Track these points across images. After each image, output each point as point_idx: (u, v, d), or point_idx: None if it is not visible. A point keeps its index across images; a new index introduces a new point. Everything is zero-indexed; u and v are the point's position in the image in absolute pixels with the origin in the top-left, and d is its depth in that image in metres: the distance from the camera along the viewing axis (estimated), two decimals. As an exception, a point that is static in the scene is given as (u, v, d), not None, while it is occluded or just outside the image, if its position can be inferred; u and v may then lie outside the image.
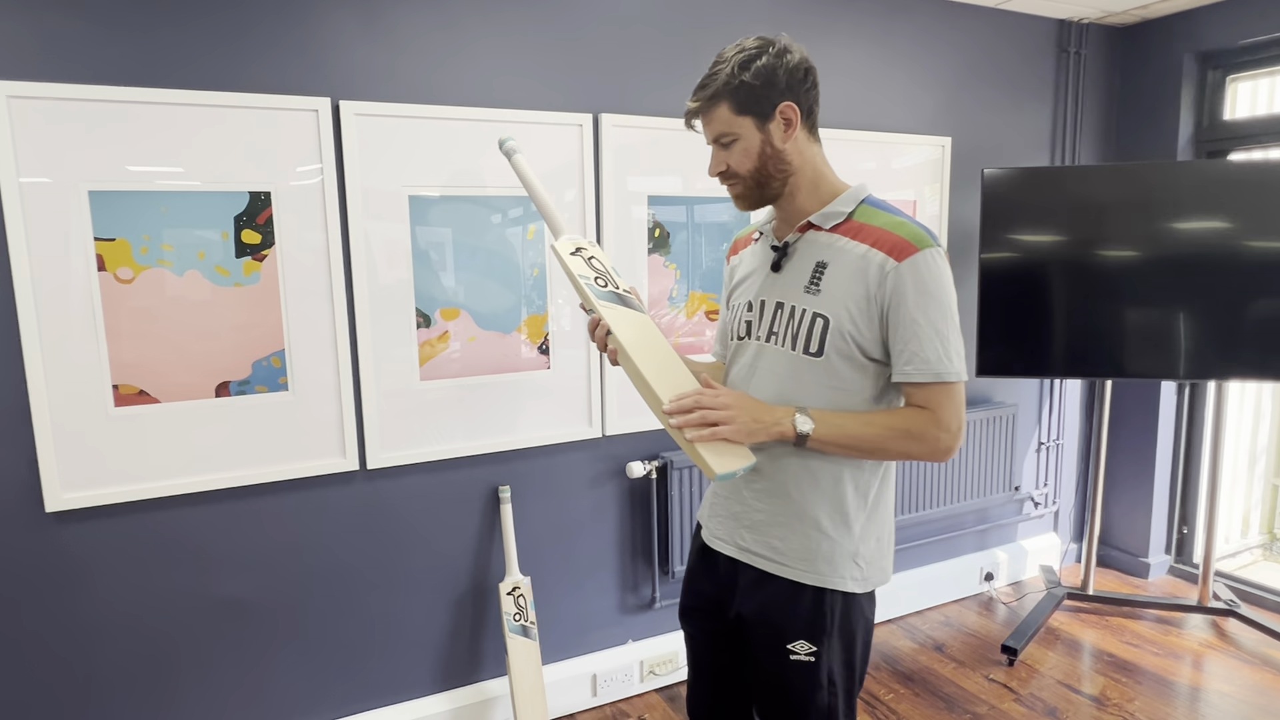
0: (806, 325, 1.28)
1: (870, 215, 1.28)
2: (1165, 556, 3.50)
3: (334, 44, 1.98)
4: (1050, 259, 2.78)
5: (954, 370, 1.23)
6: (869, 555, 1.33)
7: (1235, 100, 3.18)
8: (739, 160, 1.29)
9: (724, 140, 1.30)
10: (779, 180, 1.31)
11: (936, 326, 1.22)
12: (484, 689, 2.37)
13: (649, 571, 2.58)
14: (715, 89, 1.26)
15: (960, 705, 2.53)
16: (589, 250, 1.45)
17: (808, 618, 1.30)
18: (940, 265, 1.23)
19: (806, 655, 1.30)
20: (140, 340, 1.86)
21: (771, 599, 1.32)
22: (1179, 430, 3.41)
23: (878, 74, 2.78)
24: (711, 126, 1.30)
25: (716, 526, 1.43)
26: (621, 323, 1.32)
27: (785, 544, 1.31)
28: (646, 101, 2.37)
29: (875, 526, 1.34)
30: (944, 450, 1.24)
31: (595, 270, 1.41)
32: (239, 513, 2.02)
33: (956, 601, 3.27)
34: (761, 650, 1.34)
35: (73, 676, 1.90)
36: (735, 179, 1.32)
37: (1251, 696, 2.56)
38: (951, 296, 1.24)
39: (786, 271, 1.33)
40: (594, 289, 1.37)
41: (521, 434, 2.32)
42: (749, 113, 1.26)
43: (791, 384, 1.29)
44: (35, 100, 1.70)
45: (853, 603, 1.32)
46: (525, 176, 1.65)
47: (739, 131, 1.27)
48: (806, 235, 1.32)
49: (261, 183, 1.93)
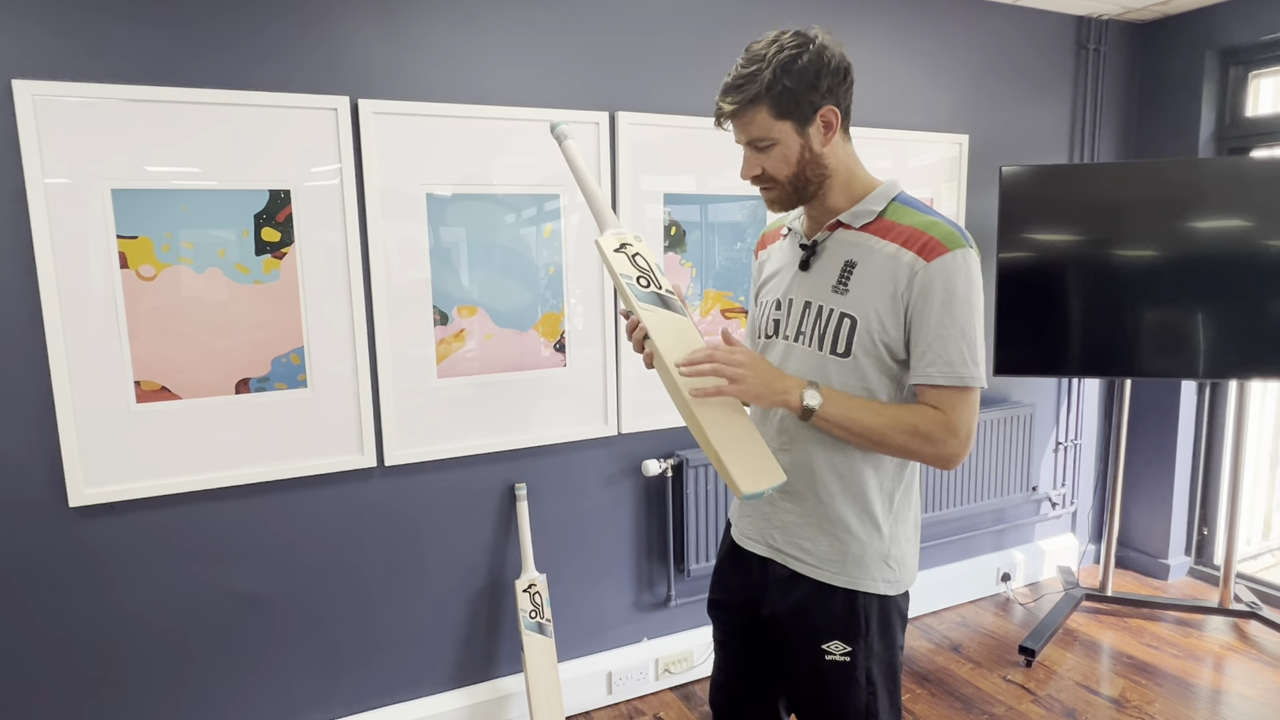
0: (834, 326, 1.26)
1: (902, 214, 1.25)
2: (1185, 558, 3.46)
3: (352, 43, 1.99)
4: (1068, 257, 2.75)
5: (977, 375, 1.21)
6: (899, 557, 1.32)
7: (1258, 97, 3.14)
8: (776, 166, 1.25)
9: (760, 145, 1.25)
10: (815, 184, 1.27)
11: (963, 329, 1.19)
12: (499, 686, 2.37)
13: (664, 570, 2.58)
14: (755, 92, 1.20)
15: (977, 706, 2.51)
16: (634, 246, 1.39)
17: (841, 619, 1.29)
18: (971, 267, 1.20)
19: (842, 656, 1.29)
20: (161, 337, 1.87)
21: (804, 600, 1.32)
22: (1199, 430, 3.37)
23: (894, 71, 2.77)
24: (747, 130, 1.25)
25: (747, 526, 1.42)
26: (660, 327, 1.29)
27: (815, 545, 1.31)
28: (663, 99, 2.38)
29: (904, 528, 1.33)
30: (949, 457, 1.22)
31: (639, 269, 1.36)
32: (258, 509, 2.03)
33: (973, 602, 3.25)
34: (796, 650, 1.33)
35: (95, 669, 1.93)
36: (772, 184, 1.28)
37: (1274, 700, 2.52)
38: (980, 300, 1.22)
39: (815, 270, 1.31)
40: (635, 289, 1.32)
41: (537, 432, 2.32)
42: (789, 117, 1.21)
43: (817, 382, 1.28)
44: (59, 99, 1.72)
45: (889, 603, 1.31)
46: (575, 164, 1.55)
47: (778, 136, 1.23)
48: (836, 234, 1.30)
49: (281, 181, 1.94)
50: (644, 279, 1.34)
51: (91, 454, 1.84)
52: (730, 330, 1.30)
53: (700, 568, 2.55)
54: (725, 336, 1.27)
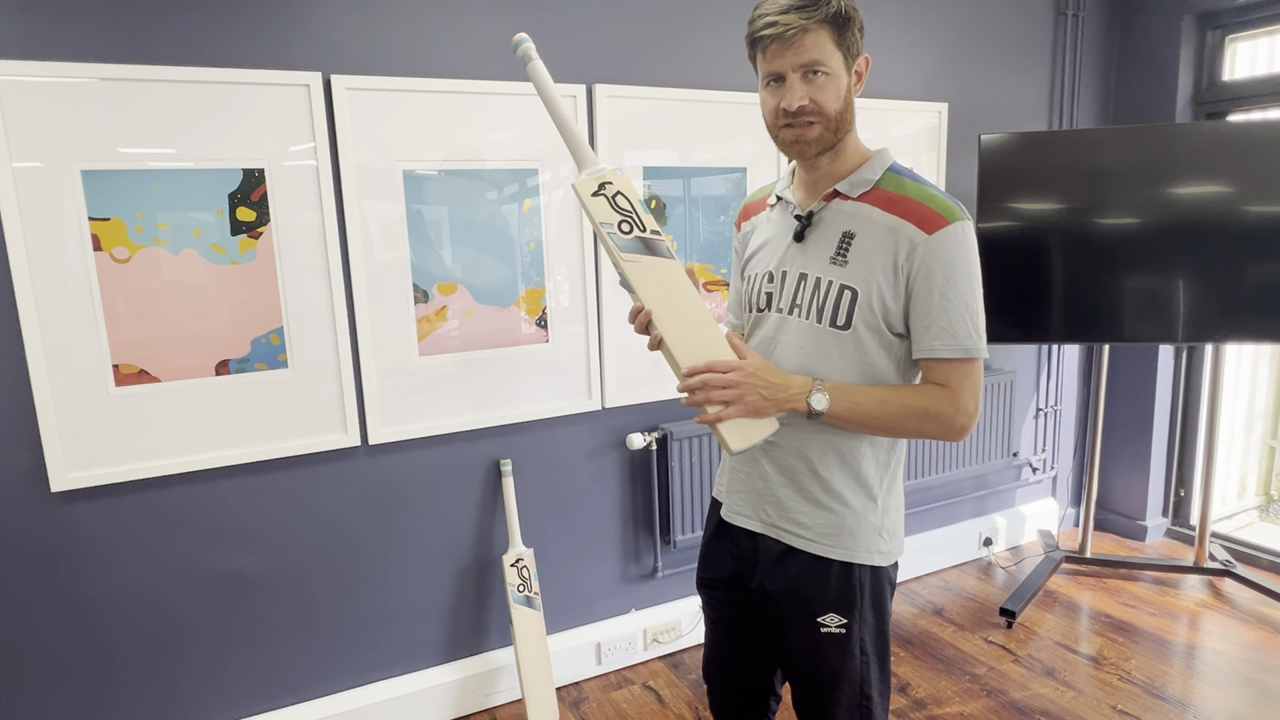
0: (834, 298, 1.25)
1: (898, 184, 1.24)
2: (1162, 519, 3.53)
3: (324, 17, 1.96)
4: (1048, 224, 2.77)
5: (980, 347, 1.21)
6: (891, 528, 1.33)
7: (1235, 61, 3.15)
8: (827, 98, 1.18)
9: (817, 70, 1.17)
10: (844, 131, 1.23)
11: (967, 302, 1.20)
12: (490, 659, 2.40)
13: (650, 541, 2.61)
14: (827, 13, 1.15)
15: (959, 667, 2.57)
16: (614, 185, 1.29)
17: (837, 592, 1.31)
18: (970, 239, 1.20)
19: (837, 628, 1.31)
20: (139, 320, 1.86)
21: (799, 574, 1.32)
22: (1176, 394, 3.42)
23: (873, 40, 2.75)
24: (805, 52, 1.16)
25: (738, 502, 1.41)
26: (648, 280, 1.23)
27: (811, 519, 1.31)
28: (641, 71, 2.35)
29: (895, 498, 1.35)
30: (959, 430, 1.23)
31: (620, 212, 1.28)
32: (243, 490, 2.04)
33: (956, 567, 3.30)
34: (790, 623, 1.34)
35: (82, 655, 1.93)
36: (816, 117, 1.20)
37: (1247, 654, 2.60)
38: (978, 271, 1.22)
39: (810, 242, 1.29)
40: (617, 238, 1.25)
41: (521, 408, 2.33)
42: (843, 50, 1.18)
43: (817, 357, 1.27)
44: (25, 80, 1.69)
45: (881, 574, 1.33)
46: (544, 89, 1.36)
47: (834, 67, 1.18)
48: (832, 204, 1.28)
49: (255, 160, 1.92)
50: (626, 223, 1.27)
51: (72, 438, 1.83)
52: (734, 337, 1.26)
53: (686, 539, 2.58)
54: (731, 342, 1.23)
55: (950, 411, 1.21)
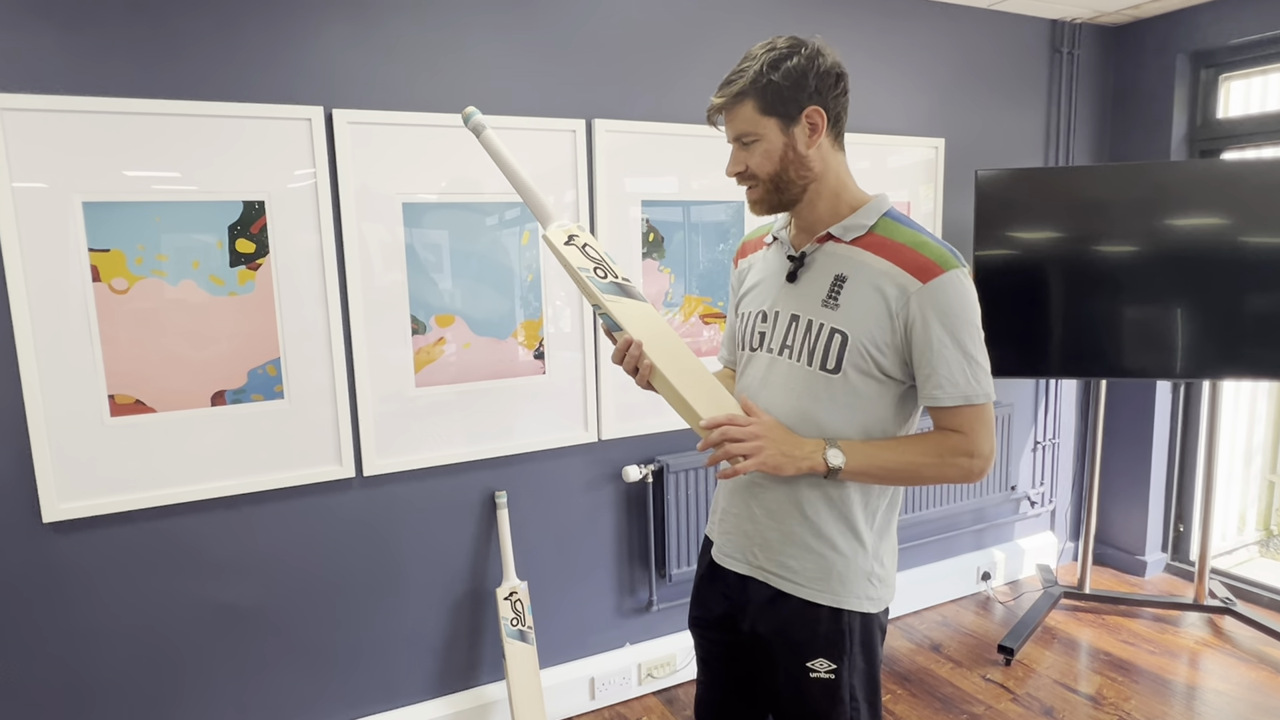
0: (824, 341, 1.25)
1: (893, 230, 1.25)
2: (1162, 554, 3.51)
3: (327, 52, 1.98)
4: (1045, 260, 2.78)
5: (982, 392, 1.21)
6: (882, 575, 1.33)
7: (1228, 99, 3.19)
8: (759, 162, 1.25)
9: (745, 139, 1.25)
10: (799, 186, 1.26)
11: (964, 348, 1.20)
12: (482, 693, 2.37)
13: (646, 575, 2.59)
14: (741, 86, 1.21)
15: (957, 705, 2.54)
16: (581, 237, 1.36)
17: (826, 637, 1.30)
18: (965, 286, 1.21)
19: (826, 673, 1.30)
20: (136, 350, 1.86)
21: (788, 618, 1.31)
22: (1174, 428, 3.42)
23: (871, 76, 2.79)
24: (734, 125, 1.26)
25: (727, 544, 1.41)
26: (633, 314, 1.28)
27: (799, 563, 1.30)
28: (639, 107, 2.38)
29: (887, 543, 1.34)
30: (977, 472, 1.23)
31: (592, 259, 1.33)
32: (236, 521, 2.02)
33: (953, 601, 3.28)
34: (780, 667, 1.33)
35: (72, 686, 1.91)
36: (754, 181, 1.27)
37: (1248, 695, 2.57)
38: (977, 316, 1.22)
39: (803, 283, 1.30)
40: (596, 282, 1.29)
41: (517, 439, 2.32)
42: (774, 114, 1.22)
43: (808, 399, 1.27)
44: (28, 113, 1.70)
45: (872, 620, 1.32)
46: (500, 156, 1.42)
47: (761, 132, 1.23)
48: (825, 246, 1.29)
49: (255, 192, 1.93)
50: (600, 270, 1.32)
51: (65, 469, 1.83)
52: (746, 399, 1.29)
53: (681, 572, 2.56)
54: (743, 403, 1.26)
55: (966, 455, 1.22)
